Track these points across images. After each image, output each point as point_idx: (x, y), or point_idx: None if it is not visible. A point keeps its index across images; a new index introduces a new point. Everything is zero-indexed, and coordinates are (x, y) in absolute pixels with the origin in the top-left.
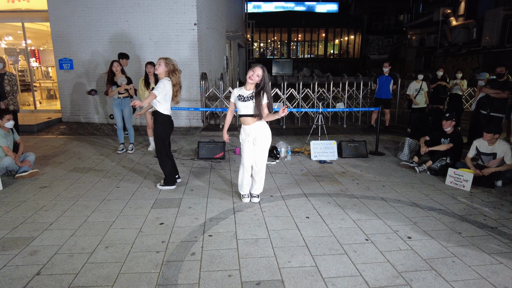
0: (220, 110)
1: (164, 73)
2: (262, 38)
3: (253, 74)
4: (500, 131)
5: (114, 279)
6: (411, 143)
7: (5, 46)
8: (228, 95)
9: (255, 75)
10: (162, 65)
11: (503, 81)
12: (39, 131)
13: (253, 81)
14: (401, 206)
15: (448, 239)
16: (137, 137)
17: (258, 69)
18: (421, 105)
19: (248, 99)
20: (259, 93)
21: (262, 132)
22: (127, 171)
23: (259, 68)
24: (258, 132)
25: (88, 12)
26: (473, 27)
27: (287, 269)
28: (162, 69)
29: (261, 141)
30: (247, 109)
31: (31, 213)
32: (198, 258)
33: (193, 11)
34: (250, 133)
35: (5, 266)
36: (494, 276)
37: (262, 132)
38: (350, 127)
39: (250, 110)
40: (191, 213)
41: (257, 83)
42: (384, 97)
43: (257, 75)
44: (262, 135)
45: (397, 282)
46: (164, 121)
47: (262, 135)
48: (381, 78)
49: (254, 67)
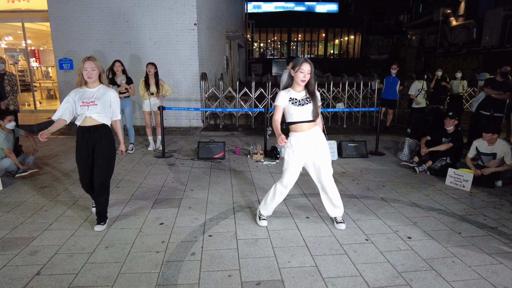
0: (220, 110)
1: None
2: (262, 38)
3: (304, 73)
4: (499, 131)
5: (114, 279)
6: (411, 143)
7: (5, 46)
8: (228, 95)
9: (306, 73)
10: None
11: (502, 82)
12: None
13: (306, 80)
14: (401, 206)
15: (448, 239)
16: (137, 137)
17: (306, 65)
18: (422, 105)
19: (305, 102)
20: (313, 93)
21: (322, 139)
22: (127, 171)
23: (306, 64)
24: (318, 138)
25: (88, 12)
26: (473, 27)
27: (287, 269)
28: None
29: (324, 148)
30: (305, 114)
31: (31, 213)
32: (198, 258)
33: (193, 11)
34: (308, 141)
35: (5, 266)
36: (494, 276)
37: (322, 139)
38: (350, 127)
39: (309, 114)
40: (191, 213)
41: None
42: (391, 97)
43: (308, 72)
44: (323, 142)
45: (397, 282)
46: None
47: (323, 141)
48: (388, 79)
49: (301, 63)
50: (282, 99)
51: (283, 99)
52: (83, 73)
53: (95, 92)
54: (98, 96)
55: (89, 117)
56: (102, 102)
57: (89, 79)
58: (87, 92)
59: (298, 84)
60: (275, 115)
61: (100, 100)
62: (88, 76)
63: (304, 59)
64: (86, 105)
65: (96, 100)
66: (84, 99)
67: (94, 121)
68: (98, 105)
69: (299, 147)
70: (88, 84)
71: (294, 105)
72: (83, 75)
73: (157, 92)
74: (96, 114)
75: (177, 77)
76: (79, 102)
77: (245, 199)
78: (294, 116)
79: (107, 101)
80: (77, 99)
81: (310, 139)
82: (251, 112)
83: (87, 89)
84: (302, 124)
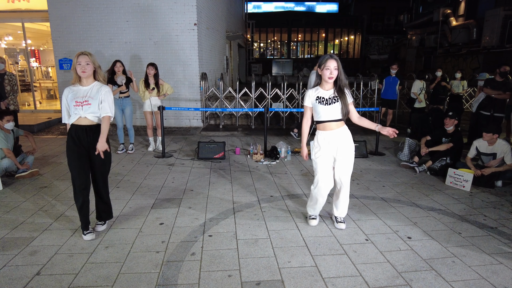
0: (220, 110)
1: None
2: (262, 38)
3: (330, 70)
4: (499, 131)
5: (114, 279)
6: (411, 143)
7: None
8: (228, 95)
9: (332, 70)
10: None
11: (502, 81)
12: (39, 131)
13: (333, 77)
14: (401, 206)
15: (448, 239)
16: (137, 137)
17: (332, 61)
18: (421, 105)
19: (333, 101)
20: (341, 91)
21: (348, 138)
22: (127, 171)
23: (332, 60)
24: (343, 138)
25: (88, 12)
26: (473, 27)
27: (287, 269)
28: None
29: (347, 150)
30: (334, 113)
31: (31, 213)
32: (198, 258)
33: (193, 11)
34: (332, 140)
35: (5, 266)
36: (494, 276)
37: (348, 138)
38: (350, 127)
39: (338, 113)
40: (191, 213)
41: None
42: (390, 97)
43: (335, 68)
44: (348, 141)
45: (397, 282)
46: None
47: (348, 142)
48: (388, 79)
49: (326, 60)
50: (309, 98)
51: (310, 98)
52: (77, 68)
53: (89, 90)
54: (91, 95)
55: (84, 118)
56: (96, 101)
57: (83, 73)
58: (81, 91)
59: (326, 82)
60: (304, 117)
61: (94, 99)
62: (82, 71)
63: (330, 56)
64: (80, 104)
65: (90, 99)
66: (77, 99)
67: (89, 121)
68: (92, 104)
69: (326, 146)
70: (82, 81)
71: (321, 104)
72: (77, 70)
73: (157, 92)
74: (91, 114)
75: (177, 77)
76: (72, 101)
77: (245, 199)
78: (321, 115)
79: (98, 99)
80: (70, 99)
81: (333, 139)
82: (251, 112)
83: (81, 87)
84: (330, 123)
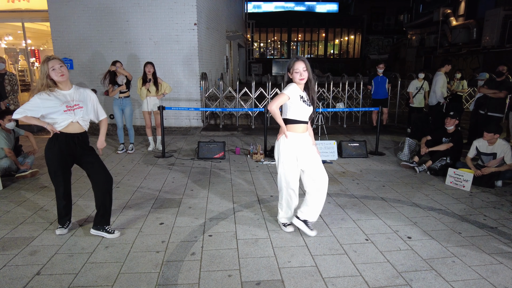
0: (220, 110)
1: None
2: (262, 38)
3: (300, 72)
4: (500, 131)
5: (114, 279)
6: (411, 143)
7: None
8: (228, 95)
9: (301, 71)
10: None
11: (500, 81)
12: (39, 131)
13: (305, 78)
14: (401, 206)
15: (448, 239)
16: (137, 137)
17: (299, 63)
18: (420, 104)
19: (310, 103)
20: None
21: (309, 142)
22: (127, 171)
23: (299, 62)
24: (309, 140)
25: (88, 12)
26: (473, 27)
27: (287, 269)
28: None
29: (314, 149)
30: (306, 115)
31: (31, 213)
32: (198, 258)
33: (193, 11)
34: (301, 143)
35: (5, 266)
36: (494, 276)
37: (310, 140)
38: (350, 127)
39: (308, 116)
40: (191, 213)
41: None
42: (382, 97)
43: (304, 69)
44: (312, 145)
45: (397, 282)
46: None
47: (312, 145)
48: (376, 79)
49: (294, 63)
50: (293, 91)
51: (294, 91)
52: (52, 73)
53: (72, 94)
54: (80, 98)
55: (75, 122)
56: (85, 104)
57: (62, 77)
58: (64, 96)
59: (298, 84)
60: (274, 102)
61: (83, 103)
62: (60, 74)
63: (296, 58)
64: (71, 109)
65: (80, 103)
66: (66, 103)
67: (79, 127)
68: (84, 108)
69: (293, 148)
70: (61, 85)
71: (305, 103)
72: (53, 75)
73: (156, 91)
74: (81, 118)
75: (177, 77)
76: (62, 107)
77: (245, 199)
78: (297, 113)
79: (89, 103)
80: (54, 105)
81: (302, 142)
82: (251, 112)
83: (62, 92)
84: (300, 125)
